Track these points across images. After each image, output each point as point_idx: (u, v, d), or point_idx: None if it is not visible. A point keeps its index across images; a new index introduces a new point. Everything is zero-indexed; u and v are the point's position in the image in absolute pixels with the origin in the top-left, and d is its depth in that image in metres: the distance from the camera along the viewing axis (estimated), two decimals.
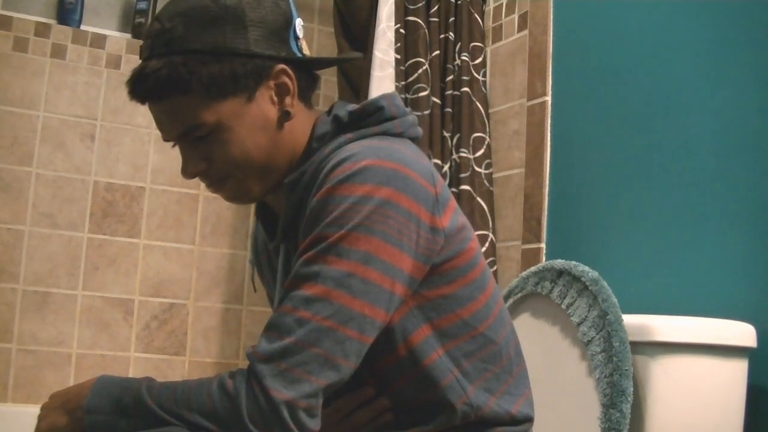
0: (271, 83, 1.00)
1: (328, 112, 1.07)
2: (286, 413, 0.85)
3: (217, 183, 1.03)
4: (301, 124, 1.04)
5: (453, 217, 0.99)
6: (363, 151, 0.93)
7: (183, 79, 0.94)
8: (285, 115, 1.01)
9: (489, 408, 1.01)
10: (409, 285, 0.94)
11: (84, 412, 0.95)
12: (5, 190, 2.52)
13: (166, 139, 1.02)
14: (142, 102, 0.99)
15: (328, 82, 2.75)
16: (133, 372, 2.59)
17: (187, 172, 1.01)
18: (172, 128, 0.99)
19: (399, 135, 1.03)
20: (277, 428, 0.85)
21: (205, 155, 1.00)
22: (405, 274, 0.92)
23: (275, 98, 1.01)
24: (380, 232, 0.88)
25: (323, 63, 1.11)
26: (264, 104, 1.00)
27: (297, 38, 1.02)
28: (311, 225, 0.92)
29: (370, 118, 1.02)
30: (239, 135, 0.98)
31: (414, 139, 1.07)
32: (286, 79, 1.00)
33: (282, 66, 1.00)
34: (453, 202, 1.00)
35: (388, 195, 0.90)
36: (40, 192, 2.56)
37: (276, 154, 1.02)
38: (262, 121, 0.99)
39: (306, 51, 1.05)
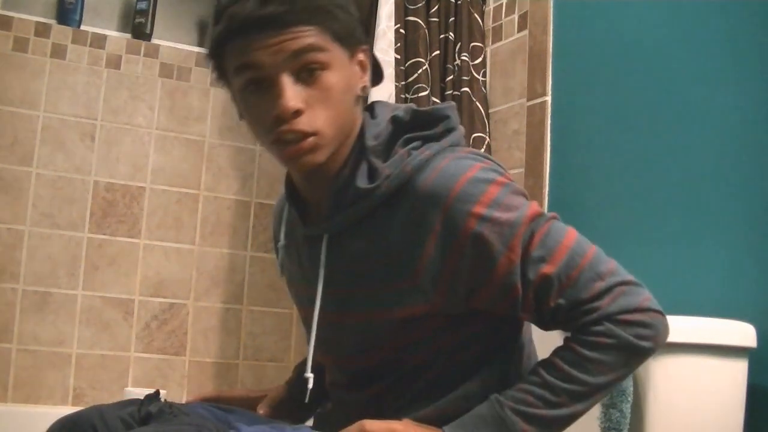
0: (359, 58, 1.03)
1: (368, 111, 1.08)
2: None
3: (301, 134, 0.97)
4: (360, 112, 1.06)
5: None
6: (488, 173, 0.98)
7: (323, 10, 0.96)
8: (363, 92, 1.04)
9: None
10: None
11: None
12: (5, 190, 2.52)
13: (270, 75, 0.96)
14: (267, 25, 0.94)
15: None
16: (133, 372, 2.59)
17: (288, 104, 0.95)
18: (291, 58, 0.95)
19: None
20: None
21: (305, 98, 0.96)
22: None
23: (360, 73, 1.04)
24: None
25: (378, 67, 1.12)
26: (356, 70, 1.03)
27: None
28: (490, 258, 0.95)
29: (438, 125, 1.04)
30: (340, 86, 0.98)
31: None
32: (367, 61, 1.04)
33: (366, 46, 1.04)
34: None
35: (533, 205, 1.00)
36: (40, 192, 2.56)
37: (349, 126, 1.02)
38: (353, 85, 1.02)
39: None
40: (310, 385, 1.05)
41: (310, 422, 1.20)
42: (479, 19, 2.31)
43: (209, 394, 1.28)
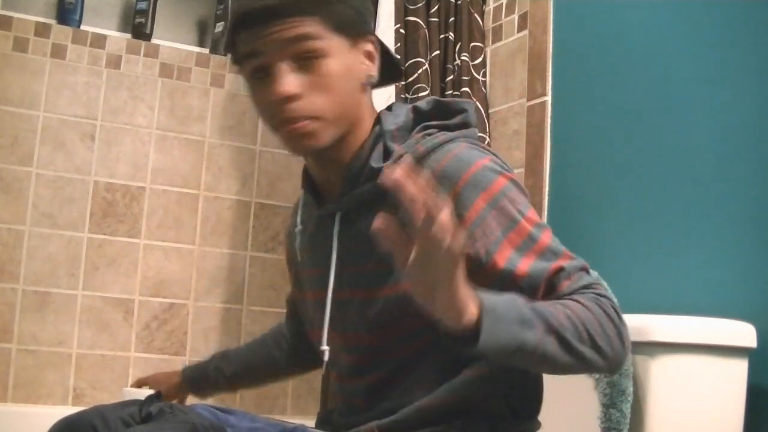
0: (365, 46, 1.08)
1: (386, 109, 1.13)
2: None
3: (299, 118, 1.02)
4: (369, 101, 1.11)
5: None
6: (492, 164, 1.02)
7: (323, 2, 1.02)
8: (368, 80, 1.08)
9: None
10: None
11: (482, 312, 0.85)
12: (5, 190, 2.52)
13: (269, 62, 1.02)
14: (266, 15, 1.00)
15: None
16: (132, 372, 2.59)
17: (282, 90, 1.01)
18: (287, 46, 1.01)
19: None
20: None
21: (302, 83, 1.02)
22: None
23: (365, 59, 1.08)
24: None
25: (392, 56, 1.17)
26: (359, 58, 1.07)
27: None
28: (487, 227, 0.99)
29: (455, 117, 1.09)
30: (339, 72, 1.03)
31: None
32: (374, 51, 1.09)
33: (374, 37, 1.10)
34: None
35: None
36: (40, 192, 2.56)
37: (353, 111, 1.07)
38: (355, 72, 1.06)
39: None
40: (326, 357, 1.10)
41: (311, 422, 1.20)
42: (479, 19, 2.31)
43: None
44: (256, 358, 1.46)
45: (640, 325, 1.41)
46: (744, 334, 1.41)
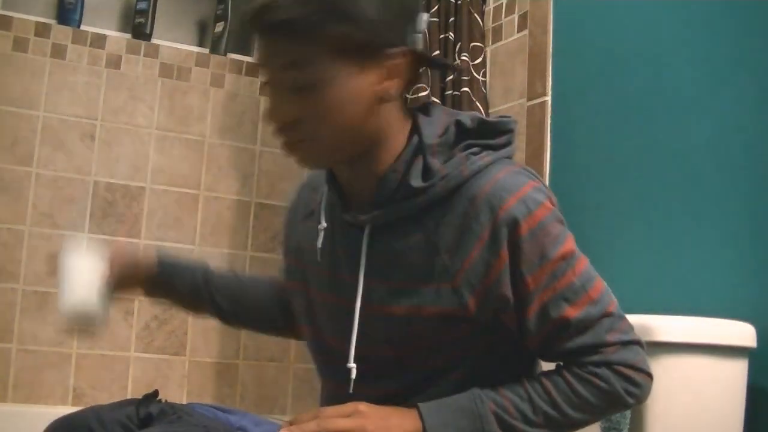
0: (385, 63, 0.98)
1: (421, 111, 1.08)
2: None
3: (294, 142, 0.99)
4: (396, 111, 1.03)
5: None
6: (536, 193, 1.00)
7: (311, 24, 0.93)
8: (386, 97, 1.00)
9: None
10: None
11: None
12: (5, 190, 2.52)
13: (263, 81, 0.99)
14: (260, 33, 0.96)
15: None
16: (133, 372, 2.59)
17: (275, 117, 0.97)
18: (277, 69, 0.97)
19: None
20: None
21: (296, 109, 0.96)
22: None
23: (384, 78, 0.99)
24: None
25: (432, 62, 1.12)
26: (370, 79, 0.98)
27: (418, 31, 1.02)
28: (533, 262, 0.98)
29: (500, 136, 1.06)
30: (338, 99, 0.96)
31: None
32: (400, 64, 0.99)
33: (400, 49, 0.99)
34: None
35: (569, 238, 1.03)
36: (40, 192, 2.56)
37: (362, 131, 1.00)
38: (364, 94, 0.98)
39: (420, 46, 1.04)
40: (353, 375, 1.03)
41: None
42: (479, 19, 2.31)
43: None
44: (248, 300, 1.34)
45: (641, 325, 1.40)
46: (744, 334, 1.41)
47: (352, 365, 1.03)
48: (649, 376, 1.00)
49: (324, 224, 1.09)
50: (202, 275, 1.29)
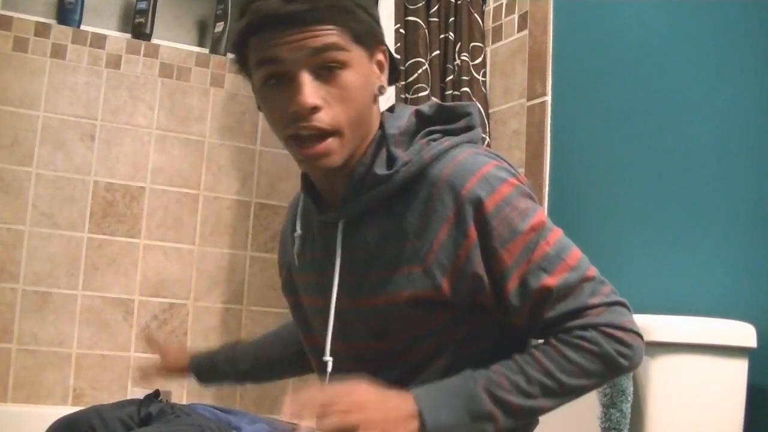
0: (377, 57, 1.05)
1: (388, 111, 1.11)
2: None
3: (315, 130, 0.99)
4: (377, 110, 1.08)
5: None
6: (500, 171, 1.01)
7: (345, 10, 0.98)
8: (380, 91, 1.06)
9: None
10: None
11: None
12: (5, 190, 2.52)
13: (289, 70, 0.98)
14: (290, 21, 0.96)
15: None
16: (132, 372, 2.59)
17: (306, 102, 0.97)
18: (312, 55, 0.98)
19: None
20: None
21: (322, 94, 0.98)
22: None
23: (378, 72, 1.05)
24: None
25: (396, 64, 1.14)
26: (374, 69, 1.05)
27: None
28: (502, 241, 0.98)
29: (459, 121, 1.07)
30: (358, 84, 1.00)
31: None
32: (384, 61, 1.06)
33: (385, 47, 1.07)
34: None
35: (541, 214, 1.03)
36: (40, 192, 2.56)
37: (367, 124, 1.04)
38: (371, 84, 1.03)
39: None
40: (329, 369, 1.07)
41: (312, 422, 1.20)
42: (479, 19, 2.31)
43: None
44: (266, 354, 1.42)
45: (641, 325, 1.40)
46: (744, 334, 1.41)
47: (328, 358, 1.07)
48: (639, 336, 1.00)
49: (299, 231, 1.14)
50: (223, 360, 1.42)
